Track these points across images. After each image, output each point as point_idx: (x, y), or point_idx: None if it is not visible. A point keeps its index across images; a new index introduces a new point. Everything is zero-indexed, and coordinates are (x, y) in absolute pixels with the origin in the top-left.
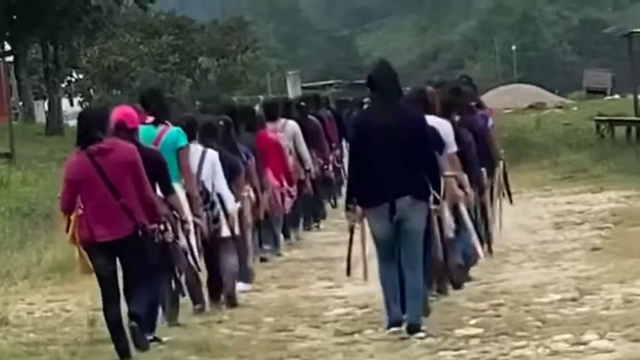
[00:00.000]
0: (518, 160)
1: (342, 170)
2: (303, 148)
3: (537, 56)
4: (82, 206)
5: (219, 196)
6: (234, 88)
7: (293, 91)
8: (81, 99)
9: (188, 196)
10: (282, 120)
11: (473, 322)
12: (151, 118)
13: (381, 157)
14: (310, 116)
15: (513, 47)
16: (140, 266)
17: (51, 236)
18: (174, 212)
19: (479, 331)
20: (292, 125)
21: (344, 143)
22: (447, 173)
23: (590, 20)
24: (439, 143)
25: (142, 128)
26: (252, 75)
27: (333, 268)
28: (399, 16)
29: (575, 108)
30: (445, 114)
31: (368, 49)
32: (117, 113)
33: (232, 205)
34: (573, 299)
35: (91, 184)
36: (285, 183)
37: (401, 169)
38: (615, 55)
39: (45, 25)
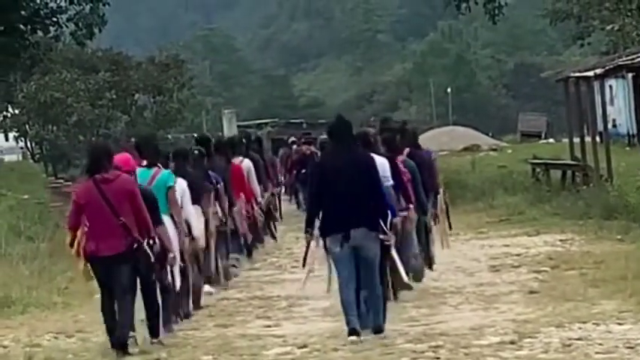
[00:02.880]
0: (454, 202)
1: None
2: (255, 183)
3: (472, 99)
4: (87, 225)
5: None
6: (169, 126)
7: (229, 129)
8: (16, 134)
9: (176, 226)
10: (240, 158)
11: None
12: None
13: (337, 194)
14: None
15: (448, 90)
16: (133, 276)
17: None
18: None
19: None
20: (247, 162)
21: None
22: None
23: (525, 64)
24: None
25: (138, 170)
26: (188, 113)
27: (271, 306)
28: (334, 57)
29: (509, 151)
30: (391, 151)
31: (303, 88)
32: (115, 159)
33: (197, 230)
34: (512, 342)
35: (96, 207)
36: (253, 203)
37: (355, 204)
38: (550, 99)
39: None
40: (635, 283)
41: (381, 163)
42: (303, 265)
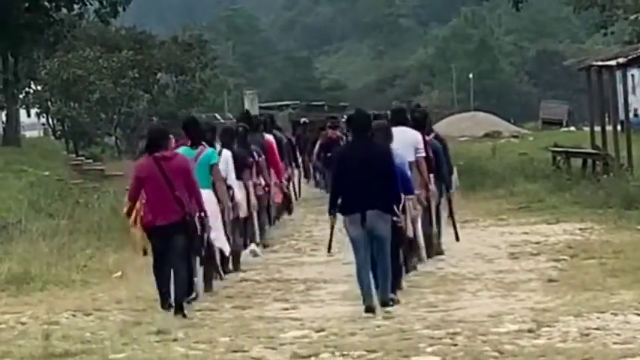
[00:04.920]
0: (474, 189)
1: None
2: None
3: (494, 85)
4: (145, 197)
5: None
6: (191, 105)
7: (251, 110)
8: (38, 110)
9: (219, 200)
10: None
11: (430, 349)
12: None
13: (356, 181)
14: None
15: (470, 75)
16: (184, 245)
17: (6, 248)
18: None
19: (436, 359)
20: (271, 139)
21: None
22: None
23: (547, 52)
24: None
25: (183, 149)
26: (210, 93)
27: (289, 289)
28: (357, 40)
29: (531, 138)
30: (420, 129)
31: (325, 70)
32: None
33: (239, 195)
34: (530, 330)
35: (154, 181)
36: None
37: (371, 189)
38: (571, 87)
39: (7, 38)
40: None
41: (415, 135)
42: (329, 249)
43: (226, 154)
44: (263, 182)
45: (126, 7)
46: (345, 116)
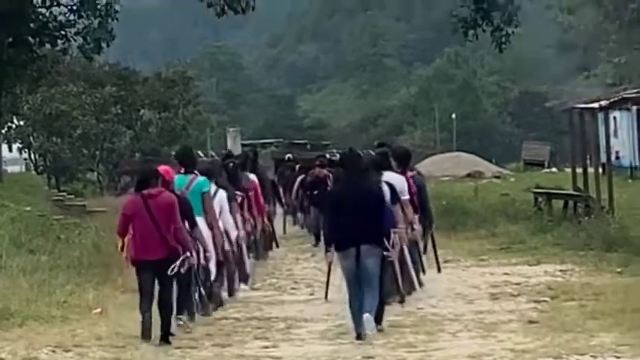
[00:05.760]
0: (456, 229)
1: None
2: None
3: (477, 126)
4: (132, 233)
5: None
6: (174, 142)
7: (233, 147)
8: (20, 145)
9: (211, 227)
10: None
11: None
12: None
13: (350, 217)
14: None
15: (453, 115)
16: (170, 280)
17: None
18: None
19: None
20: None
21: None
22: (399, 227)
23: (530, 93)
24: (396, 195)
25: (177, 177)
26: (193, 130)
27: (270, 327)
28: (340, 79)
29: (512, 179)
30: (402, 166)
31: (308, 109)
32: (160, 169)
33: (234, 233)
34: None
35: (141, 218)
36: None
37: (364, 225)
38: (553, 129)
39: None
40: (633, 317)
41: (399, 179)
42: (326, 296)
43: (222, 195)
44: (251, 219)
45: (110, 44)
46: (329, 154)
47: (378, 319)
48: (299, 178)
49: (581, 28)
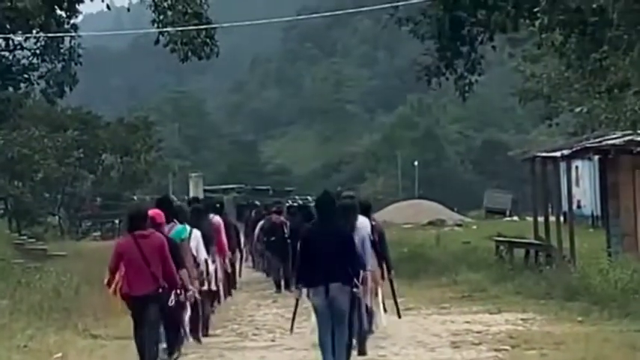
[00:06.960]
0: (417, 276)
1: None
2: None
3: (439, 173)
4: (124, 270)
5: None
6: (136, 187)
7: (195, 193)
8: None
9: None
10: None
11: None
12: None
13: (321, 257)
14: None
15: (416, 163)
16: (157, 313)
17: None
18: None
19: None
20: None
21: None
22: (369, 269)
23: (492, 141)
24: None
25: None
26: (155, 174)
27: None
28: (303, 126)
29: (474, 227)
30: (365, 215)
31: (270, 155)
32: (151, 212)
33: (212, 267)
34: None
35: (132, 256)
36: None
37: (334, 264)
38: (515, 177)
39: None
40: None
41: (366, 223)
42: (291, 330)
43: (197, 233)
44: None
45: (72, 88)
46: (290, 201)
47: (362, 351)
48: (259, 224)
49: (543, 77)
